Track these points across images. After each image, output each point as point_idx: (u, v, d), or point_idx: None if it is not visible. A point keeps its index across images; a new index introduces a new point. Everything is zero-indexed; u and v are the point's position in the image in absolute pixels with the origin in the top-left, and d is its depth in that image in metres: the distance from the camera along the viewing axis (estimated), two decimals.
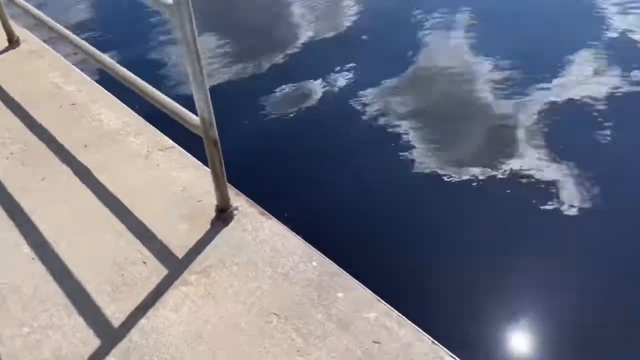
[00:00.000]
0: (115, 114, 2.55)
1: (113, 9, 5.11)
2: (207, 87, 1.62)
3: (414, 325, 1.60)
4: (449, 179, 3.08)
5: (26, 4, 2.76)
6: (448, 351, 1.53)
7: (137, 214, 2.01)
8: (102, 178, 2.17)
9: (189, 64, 1.54)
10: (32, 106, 2.59)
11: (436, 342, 1.55)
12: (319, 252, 1.84)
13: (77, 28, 4.69)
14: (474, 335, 2.34)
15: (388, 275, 2.46)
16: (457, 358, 1.51)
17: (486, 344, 2.33)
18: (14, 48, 3.10)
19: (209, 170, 2.19)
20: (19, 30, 3.20)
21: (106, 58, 2.17)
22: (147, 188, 2.12)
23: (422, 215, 2.89)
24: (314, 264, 1.79)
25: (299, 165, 3.22)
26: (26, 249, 1.89)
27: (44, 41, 3.24)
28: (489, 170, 3.11)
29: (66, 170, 2.22)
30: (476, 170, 3.12)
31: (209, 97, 1.64)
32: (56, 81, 2.79)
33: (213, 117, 1.68)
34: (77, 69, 2.92)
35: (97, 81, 2.81)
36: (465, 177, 3.08)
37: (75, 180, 2.17)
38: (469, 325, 2.36)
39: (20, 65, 2.94)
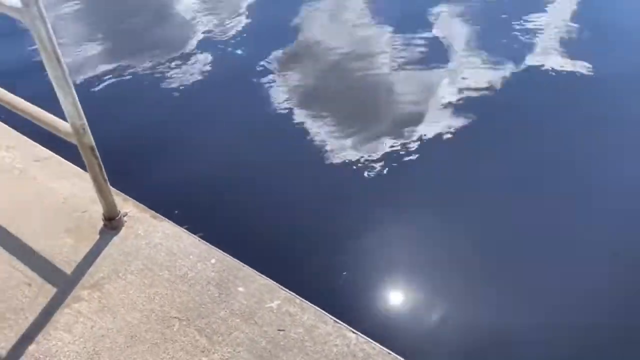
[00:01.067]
0: None
1: None
2: (74, 90, 1.53)
3: (317, 307, 1.64)
4: (343, 163, 3.16)
5: None
6: (351, 328, 1.59)
7: (15, 232, 1.87)
8: None
9: (50, 68, 1.44)
10: None
11: (339, 321, 1.60)
12: (217, 249, 1.82)
13: None
14: (375, 310, 2.44)
15: (289, 266, 2.49)
16: (359, 334, 1.57)
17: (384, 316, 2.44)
18: None
19: None
20: None
21: None
22: (25, 204, 1.97)
23: (316, 201, 2.93)
24: (213, 261, 1.77)
25: (183, 160, 3.14)
26: None
27: None
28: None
29: None
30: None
31: (78, 102, 1.55)
32: None
33: (85, 122, 1.59)
34: None
35: None
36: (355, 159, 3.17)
37: None
38: (367, 301, 2.45)
39: None
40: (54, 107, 1.63)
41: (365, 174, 3.04)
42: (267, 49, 4.11)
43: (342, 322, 1.60)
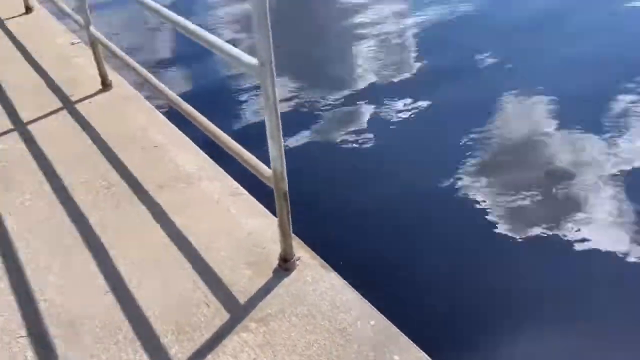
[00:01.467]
0: (192, 158, 2.70)
1: (198, 61, 5.40)
2: (282, 140, 1.70)
3: None
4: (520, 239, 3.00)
5: (116, 48, 3.03)
6: None
7: (204, 256, 2.10)
8: (175, 219, 2.29)
9: (268, 119, 1.63)
10: (119, 147, 2.79)
11: None
12: (377, 310, 1.83)
13: (164, 75, 5.03)
14: None
15: (449, 338, 2.40)
16: None
17: None
18: (107, 91, 3.38)
19: (275, 218, 2.27)
20: (112, 74, 3.49)
21: (187, 106, 2.33)
22: (217, 232, 2.21)
23: (493, 276, 2.80)
24: (372, 322, 1.78)
25: (365, 220, 3.24)
26: (101, 281, 2.00)
27: (134, 85, 3.52)
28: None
29: (143, 209, 2.36)
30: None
31: (283, 151, 1.72)
32: (142, 124, 3.00)
33: (285, 170, 1.75)
34: (160, 113, 3.13)
35: (177, 126, 3.00)
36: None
37: (151, 220, 2.30)
38: None
39: (111, 108, 3.19)
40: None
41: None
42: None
43: None
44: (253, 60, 1.57)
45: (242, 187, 2.51)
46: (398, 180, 3.60)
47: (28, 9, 4.68)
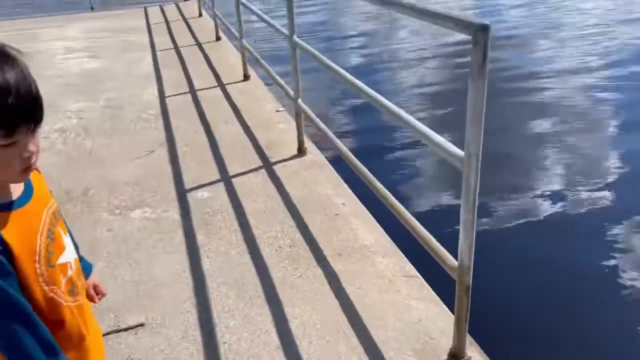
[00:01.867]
0: (370, 231, 2.77)
1: (394, 139, 5.58)
2: (474, 233, 1.67)
3: None
4: None
5: (318, 121, 3.29)
6: None
7: (371, 332, 2.09)
8: (348, 288, 2.35)
9: (464, 211, 1.61)
10: (305, 210, 2.99)
11: None
12: None
13: (357, 147, 5.28)
14: None
15: None
16: None
17: None
18: (300, 157, 3.68)
19: (447, 309, 2.19)
20: (307, 141, 3.80)
21: (374, 180, 2.42)
22: (385, 310, 2.21)
23: None
24: None
25: (550, 328, 2.95)
26: (274, 336, 2.11)
27: (327, 154, 3.78)
28: None
29: (320, 273, 2.46)
30: None
31: (474, 244, 1.68)
32: (328, 192, 3.19)
33: (472, 264, 1.70)
34: (345, 185, 3.30)
35: (360, 198, 3.12)
36: None
37: (325, 285, 2.38)
38: None
39: (303, 173, 3.46)
40: None
41: None
42: None
43: None
44: (459, 152, 1.59)
45: (415, 268, 2.49)
46: (595, 287, 3.25)
47: (246, 77, 5.39)
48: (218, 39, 7.04)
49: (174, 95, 4.99)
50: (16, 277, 1.00)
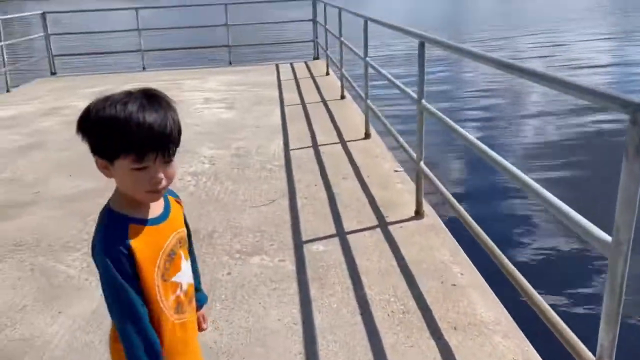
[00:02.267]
0: (489, 307, 2.62)
1: (524, 208, 5.33)
2: (618, 329, 1.50)
3: None
4: None
5: (440, 186, 3.23)
6: None
7: None
8: None
9: (608, 302, 1.47)
10: (419, 275, 2.91)
11: None
12: None
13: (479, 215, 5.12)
14: None
15: None
16: None
17: None
18: (418, 219, 3.62)
19: None
20: (425, 205, 3.73)
21: (502, 256, 2.30)
22: None
23: None
24: None
25: None
26: None
27: (445, 218, 3.69)
28: None
29: (433, 345, 2.35)
30: None
31: (616, 341, 1.51)
32: (445, 259, 3.08)
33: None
34: (464, 253, 3.17)
35: (479, 268, 2.98)
36: None
37: (438, 359, 2.26)
38: None
39: (419, 236, 3.39)
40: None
41: None
42: None
43: None
44: (605, 237, 1.46)
45: (539, 355, 2.29)
46: None
47: (367, 135, 5.50)
48: (343, 97, 7.31)
49: (298, 148, 5.21)
50: (137, 281, 1.19)
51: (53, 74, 10.44)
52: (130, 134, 1.11)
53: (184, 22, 22.86)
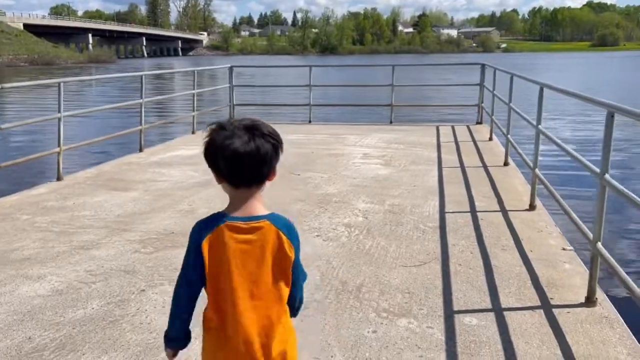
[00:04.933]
0: None
1: None
2: None
3: None
4: None
5: (618, 267, 2.84)
6: None
7: None
8: None
9: None
10: None
11: None
12: None
13: None
14: None
15: None
16: None
17: None
18: (589, 307, 3.20)
19: None
20: (599, 292, 3.30)
21: None
22: None
23: None
24: None
25: None
26: None
27: (621, 309, 3.22)
28: None
29: None
30: None
31: None
32: (621, 358, 2.66)
33: None
34: None
35: None
36: None
37: None
38: None
39: (588, 327, 2.99)
40: None
41: None
42: None
43: None
44: None
45: None
46: None
47: (532, 206, 5.11)
48: (506, 164, 6.97)
49: (454, 212, 5.03)
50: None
51: None
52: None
53: (351, 80, 24.05)
